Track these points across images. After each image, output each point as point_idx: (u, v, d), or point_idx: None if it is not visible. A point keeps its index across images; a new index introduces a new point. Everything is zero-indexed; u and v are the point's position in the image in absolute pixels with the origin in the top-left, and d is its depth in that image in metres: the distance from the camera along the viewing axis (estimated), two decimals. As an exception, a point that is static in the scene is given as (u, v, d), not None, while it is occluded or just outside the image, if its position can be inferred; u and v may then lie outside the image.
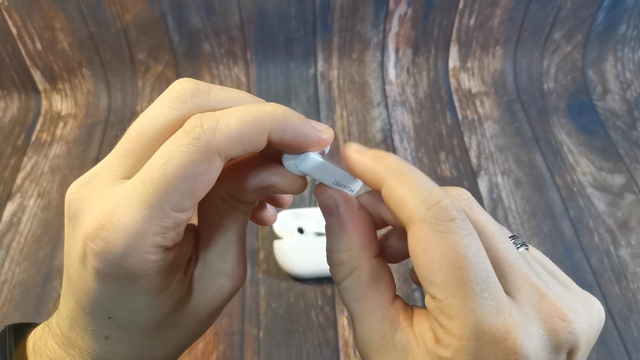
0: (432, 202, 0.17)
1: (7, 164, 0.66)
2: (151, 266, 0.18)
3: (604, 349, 0.51)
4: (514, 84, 0.77)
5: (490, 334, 0.16)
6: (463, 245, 0.16)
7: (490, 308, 0.16)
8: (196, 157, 0.17)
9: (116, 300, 0.19)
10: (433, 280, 0.17)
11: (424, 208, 0.17)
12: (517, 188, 0.64)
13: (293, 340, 0.51)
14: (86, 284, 0.19)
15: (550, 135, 0.71)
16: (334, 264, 0.20)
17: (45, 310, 0.52)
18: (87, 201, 0.19)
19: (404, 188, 0.18)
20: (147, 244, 0.17)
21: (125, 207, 0.17)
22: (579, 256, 0.58)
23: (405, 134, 0.70)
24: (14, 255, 0.57)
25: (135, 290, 0.19)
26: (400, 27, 0.75)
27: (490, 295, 0.16)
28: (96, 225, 0.17)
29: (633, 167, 0.67)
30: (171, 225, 0.18)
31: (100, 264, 0.18)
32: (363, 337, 0.19)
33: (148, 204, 0.17)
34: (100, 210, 0.18)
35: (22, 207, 0.61)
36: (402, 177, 0.18)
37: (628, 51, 0.79)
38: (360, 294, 0.20)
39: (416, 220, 0.17)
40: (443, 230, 0.17)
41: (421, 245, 0.17)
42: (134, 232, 0.17)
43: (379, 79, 0.77)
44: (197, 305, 0.21)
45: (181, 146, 0.17)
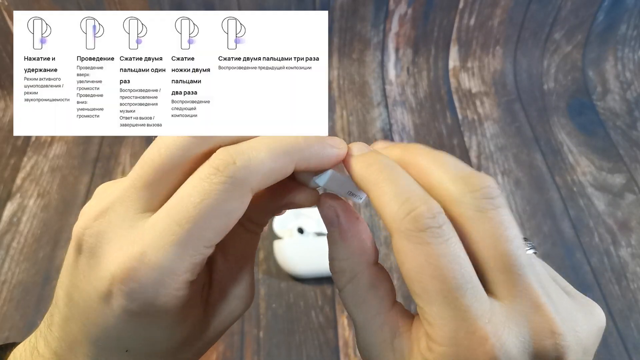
0: (405, 212, 0.17)
1: (7, 164, 0.66)
2: (177, 302, 0.18)
3: (604, 349, 0.51)
4: (514, 84, 0.77)
5: (468, 340, 0.16)
6: (436, 255, 0.17)
7: (467, 314, 0.16)
8: (232, 195, 0.17)
9: (136, 335, 0.19)
10: (414, 290, 0.17)
11: (398, 219, 0.17)
12: (517, 188, 0.64)
13: (293, 340, 0.51)
14: (106, 322, 0.18)
15: (551, 135, 0.71)
16: (335, 271, 0.21)
17: (45, 310, 0.52)
18: (106, 236, 0.18)
19: (383, 198, 0.18)
20: (178, 281, 0.18)
21: (158, 247, 0.17)
22: (579, 256, 0.58)
23: (405, 134, 0.70)
24: (13, 255, 0.57)
25: (157, 325, 0.19)
26: (400, 27, 0.75)
27: (467, 301, 0.16)
28: (127, 266, 0.17)
29: (633, 167, 0.67)
30: (200, 261, 0.18)
31: (131, 304, 0.17)
32: (364, 341, 0.20)
33: (183, 243, 0.17)
34: (129, 250, 0.17)
35: (22, 207, 0.61)
36: (383, 184, 0.18)
37: (628, 51, 0.79)
38: (360, 299, 0.20)
39: (393, 231, 0.17)
40: (416, 241, 0.17)
41: (400, 256, 0.17)
42: (168, 271, 0.17)
43: (379, 79, 0.77)
44: (210, 330, 0.22)
45: (216, 185, 0.17)
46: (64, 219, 0.60)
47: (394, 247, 0.18)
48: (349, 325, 0.52)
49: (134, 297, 0.17)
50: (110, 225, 0.18)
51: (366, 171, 0.19)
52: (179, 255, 0.17)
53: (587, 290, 0.55)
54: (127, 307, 0.18)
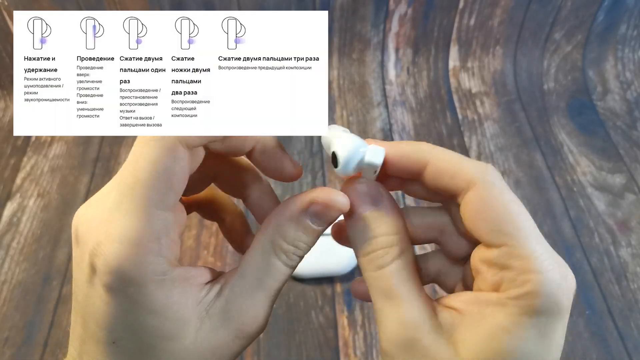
0: (482, 167, 0.20)
1: (7, 164, 0.66)
2: (151, 277, 0.18)
3: (604, 349, 0.51)
4: (514, 84, 0.77)
5: (554, 265, 0.18)
6: (516, 200, 0.19)
7: (546, 246, 0.19)
8: (159, 150, 0.18)
9: (120, 321, 0.19)
10: (504, 229, 0.19)
11: (480, 172, 0.20)
12: (517, 188, 0.64)
13: (293, 340, 0.51)
14: (94, 305, 0.19)
15: (551, 135, 0.71)
16: (382, 246, 0.21)
17: (44, 311, 0.52)
18: (91, 222, 0.19)
19: (452, 160, 0.20)
20: (143, 253, 0.18)
21: (114, 219, 0.18)
22: (579, 256, 0.58)
23: (405, 134, 0.70)
24: (13, 255, 0.57)
25: (137, 308, 0.19)
26: (400, 27, 0.75)
27: (541, 236, 0.19)
28: (97, 241, 0.18)
29: (633, 167, 0.67)
30: (161, 228, 0.18)
31: (106, 278, 0.18)
32: (409, 318, 0.19)
33: (131, 211, 0.18)
34: (100, 227, 0.18)
35: (21, 207, 0.61)
36: (443, 154, 0.21)
37: (628, 51, 0.79)
38: (409, 275, 0.20)
39: (477, 182, 0.19)
40: (501, 188, 0.19)
41: (489, 200, 0.19)
42: (127, 242, 0.18)
43: (379, 79, 0.77)
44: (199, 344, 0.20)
45: (143, 145, 0.18)
46: (64, 219, 0.60)
47: (478, 196, 0.19)
48: (349, 325, 0.52)
49: (107, 270, 0.18)
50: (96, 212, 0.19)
51: (418, 147, 0.21)
52: (134, 224, 0.18)
53: (587, 290, 0.55)
54: (106, 282, 0.18)
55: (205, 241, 0.57)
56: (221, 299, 0.21)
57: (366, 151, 0.21)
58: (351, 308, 0.53)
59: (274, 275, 0.21)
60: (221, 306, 0.20)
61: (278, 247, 0.21)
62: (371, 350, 0.50)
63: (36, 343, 0.50)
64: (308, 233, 0.21)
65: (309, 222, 0.21)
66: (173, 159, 0.19)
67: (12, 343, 0.50)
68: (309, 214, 0.21)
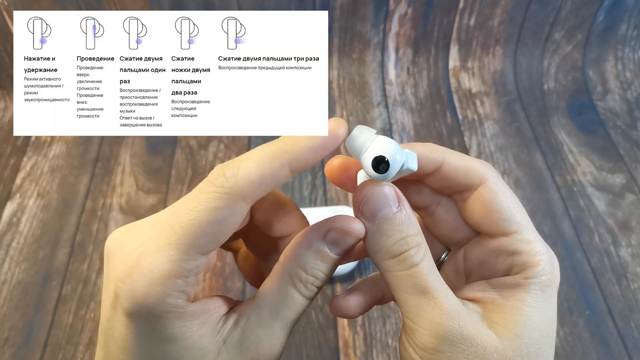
0: (488, 165, 0.23)
1: (7, 164, 0.66)
2: (169, 310, 0.19)
3: (605, 349, 0.51)
4: (514, 84, 0.77)
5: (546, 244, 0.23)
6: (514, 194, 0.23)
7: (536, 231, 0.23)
8: (222, 203, 0.18)
9: (140, 347, 0.19)
10: (514, 219, 0.22)
11: (489, 170, 0.22)
12: (517, 188, 0.64)
13: (293, 340, 0.51)
14: (115, 328, 0.19)
15: (551, 135, 0.71)
16: (412, 246, 0.21)
17: (44, 311, 0.52)
18: (126, 246, 0.19)
19: (465, 158, 0.22)
20: (169, 286, 0.18)
21: (153, 248, 0.18)
22: (579, 256, 0.58)
23: (405, 133, 0.70)
24: (13, 255, 0.57)
25: (155, 336, 0.19)
26: (401, 26, 0.75)
27: None
28: (126, 266, 0.18)
29: (633, 167, 0.67)
30: (193, 268, 0.19)
31: (126, 303, 0.18)
32: (452, 309, 0.20)
33: (175, 246, 0.18)
34: (131, 253, 0.19)
35: (21, 207, 0.61)
36: (455, 153, 0.23)
37: (628, 51, 0.79)
38: (436, 270, 0.21)
39: (489, 177, 0.22)
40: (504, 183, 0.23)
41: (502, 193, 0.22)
42: (158, 272, 0.18)
43: (379, 79, 0.77)
44: None
45: (207, 194, 0.18)
46: (64, 219, 0.60)
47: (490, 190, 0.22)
48: (349, 325, 0.52)
49: (129, 295, 0.18)
50: (132, 237, 0.19)
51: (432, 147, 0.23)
52: (170, 257, 0.18)
53: (587, 290, 0.55)
54: (127, 308, 0.18)
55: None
56: (238, 329, 0.21)
57: (407, 156, 0.21)
58: (351, 308, 0.53)
59: (291, 307, 0.21)
60: (238, 336, 0.21)
61: (297, 277, 0.21)
62: (371, 350, 0.50)
63: (36, 343, 0.50)
64: (326, 261, 0.21)
65: (326, 250, 0.21)
66: (231, 213, 0.19)
67: (12, 343, 0.50)
68: (327, 241, 0.21)
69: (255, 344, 0.21)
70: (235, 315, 0.21)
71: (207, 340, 0.20)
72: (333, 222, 0.21)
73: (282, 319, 0.21)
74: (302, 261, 0.21)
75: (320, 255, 0.21)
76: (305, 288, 0.21)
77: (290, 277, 0.21)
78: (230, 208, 0.18)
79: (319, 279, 0.21)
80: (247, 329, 0.21)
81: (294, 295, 0.21)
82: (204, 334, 0.20)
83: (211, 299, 0.21)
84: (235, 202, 0.18)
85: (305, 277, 0.21)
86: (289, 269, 0.21)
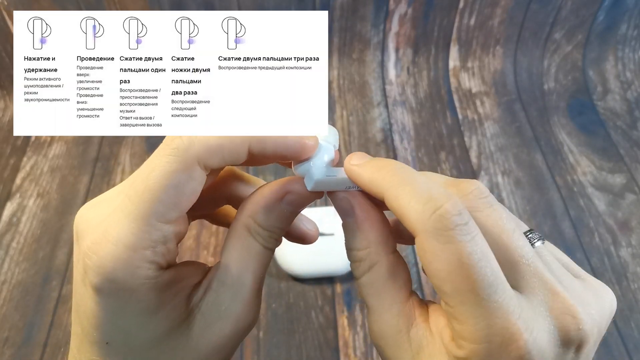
0: (431, 210, 0.17)
1: (7, 164, 0.66)
2: (142, 282, 0.18)
3: (605, 349, 0.51)
4: (514, 84, 0.77)
5: (501, 337, 0.16)
6: (467, 253, 0.16)
7: (500, 311, 0.16)
8: (177, 166, 0.18)
9: (111, 322, 0.19)
10: (443, 289, 0.17)
11: (424, 218, 0.17)
12: (518, 188, 0.64)
13: (293, 340, 0.51)
14: (86, 305, 0.19)
15: (551, 135, 0.70)
16: (354, 260, 0.21)
17: (44, 311, 0.52)
18: (92, 221, 0.19)
19: (403, 199, 0.18)
20: (137, 258, 0.18)
21: (115, 221, 0.18)
22: (579, 256, 0.58)
23: (405, 133, 0.70)
24: (13, 255, 0.57)
25: (128, 310, 0.19)
26: (401, 26, 0.75)
27: (499, 298, 0.16)
28: (92, 241, 0.18)
29: (634, 167, 0.67)
30: (159, 238, 0.19)
31: (95, 279, 0.18)
32: (379, 331, 0.20)
33: (134, 217, 0.18)
34: (97, 228, 0.19)
35: (21, 207, 0.61)
36: (400, 186, 0.18)
37: (629, 51, 0.79)
38: (378, 289, 0.20)
39: (419, 231, 0.17)
40: (445, 240, 0.16)
41: (427, 255, 0.17)
42: (123, 245, 0.18)
43: (379, 79, 0.77)
44: (194, 341, 0.20)
45: (162, 157, 0.18)
46: (64, 219, 0.60)
47: (420, 248, 0.17)
48: (349, 325, 0.52)
49: (96, 271, 0.18)
50: (98, 212, 0.19)
51: (378, 175, 0.19)
52: (132, 229, 0.18)
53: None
54: (93, 282, 0.18)
55: (205, 241, 0.57)
56: (211, 293, 0.21)
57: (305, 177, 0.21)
58: (351, 308, 0.53)
59: (256, 258, 0.21)
60: (212, 300, 0.21)
61: (255, 232, 0.21)
62: (371, 350, 0.50)
63: (36, 343, 0.50)
64: (282, 219, 0.21)
65: (283, 210, 0.21)
66: (187, 178, 0.19)
67: (12, 343, 0.50)
68: (284, 203, 0.21)
69: (230, 304, 0.21)
70: (207, 281, 0.21)
71: (183, 309, 0.20)
72: (291, 185, 0.21)
73: (250, 272, 0.21)
74: (259, 219, 0.21)
75: (277, 214, 0.21)
76: (264, 240, 0.21)
77: (250, 233, 0.21)
78: (186, 173, 0.18)
79: (277, 233, 0.22)
80: (219, 291, 0.21)
81: (256, 247, 0.21)
82: (178, 303, 0.20)
83: (185, 267, 0.21)
84: (191, 165, 0.18)
85: (263, 233, 0.21)
86: (247, 224, 0.21)
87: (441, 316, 0.19)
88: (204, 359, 0.20)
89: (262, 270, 0.22)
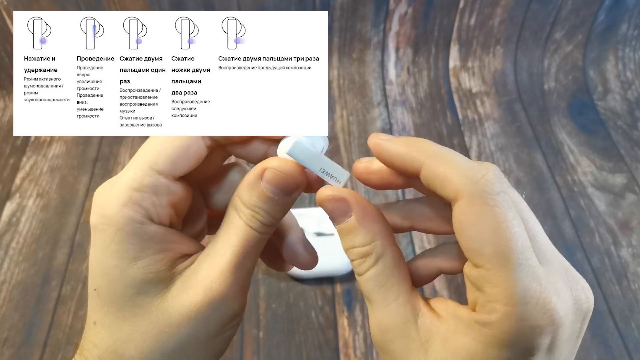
0: (477, 176, 0.18)
1: (6, 164, 0.66)
2: (126, 221, 0.20)
3: (605, 349, 0.51)
4: (515, 84, 0.77)
5: (535, 299, 0.17)
6: (509, 218, 0.18)
7: (531, 276, 0.17)
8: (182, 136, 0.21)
9: (99, 263, 0.20)
10: (482, 251, 0.18)
11: (470, 183, 0.18)
12: (518, 188, 0.64)
13: (293, 340, 0.51)
14: (91, 255, 0.21)
15: (551, 135, 0.70)
16: (358, 256, 0.21)
17: (44, 311, 0.52)
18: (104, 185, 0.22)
19: (446, 167, 0.19)
20: (126, 197, 0.20)
21: (121, 172, 0.21)
22: (579, 256, 0.58)
23: (405, 133, 0.70)
24: (12, 256, 0.57)
25: (111, 250, 0.20)
26: (401, 26, 0.75)
27: (530, 264, 0.18)
28: (99, 192, 0.21)
29: (634, 167, 0.67)
30: (150, 184, 0.20)
31: (93, 218, 0.20)
32: (384, 323, 0.20)
33: (135, 165, 0.20)
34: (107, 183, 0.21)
35: (21, 207, 0.61)
36: (441, 157, 0.19)
37: (629, 51, 0.79)
38: (384, 280, 0.20)
39: (464, 194, 0.18)
40: (492, 204, 0.18)
41: (470, 218, 0.18)
42: (118, 185, 0.20)
43: (379, 79, 0.77)
44: (168, 303, 0.21)
45: None
46: (63, 219, 0.60)
47: (461, 212, 0.18)
48: (349, 325, 0.52)
49: (95, 211, 0.20)
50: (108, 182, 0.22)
51: (415, 146, 0.20)
52: (129, 174, 0.20)
53: (587, 290, 0.55)
54: (93, 222, 0.20)
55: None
56: (195, 263, 0.22)
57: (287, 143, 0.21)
58: (351, 308, 0.53)
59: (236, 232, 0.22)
60: (193, 268, 0.21)
61: (238, 209, 0.22)
62: (371, 350, 0.50)
63: (36, 343, 0.50)
64: (263, 199, 0.21)
65: (263, 189, 0.21)
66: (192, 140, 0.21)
67: (12, 343, 0.50)
68: (264, 181, 0.21)
69: (206, 273, 0.21)
70: (196, 255, 0.22)
71: (164, 268, 0.21)
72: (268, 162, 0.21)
73: (229, 245, 0.21)
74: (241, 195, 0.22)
75: (257, 193, 0.21)
76: (247, 218, 0.22)
77: (235, 209, 0.22)
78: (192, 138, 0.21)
79: (261, 215, 0.22)
80: (200, 261, 0.22)
81: (237, 222, 0.22)
82: (160, 260, 0.21)
83: (179, 236, 0.22)
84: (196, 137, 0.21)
85: (245, 211, 0.22)
86: (233, 201, 0.22)
87: (449, 302, 0.20)
88: (175, 325, 0.20)
89: (244, 247, 0.22)
